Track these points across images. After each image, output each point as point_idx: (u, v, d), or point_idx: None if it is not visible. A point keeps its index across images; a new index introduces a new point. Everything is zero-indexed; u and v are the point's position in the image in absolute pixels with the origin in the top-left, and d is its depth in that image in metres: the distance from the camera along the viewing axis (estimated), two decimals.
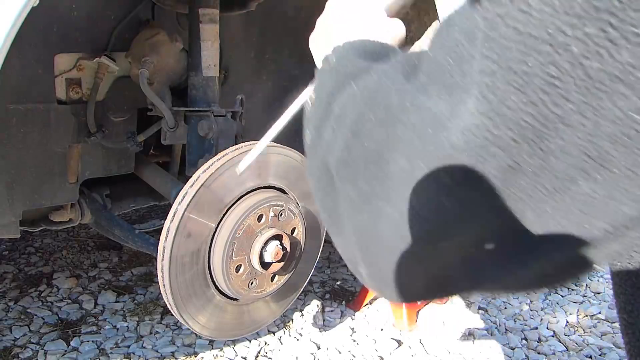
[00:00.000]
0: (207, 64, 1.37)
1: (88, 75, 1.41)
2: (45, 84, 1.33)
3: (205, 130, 1.34)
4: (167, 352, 1.80)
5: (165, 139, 1.40)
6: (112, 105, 1.49)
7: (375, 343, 1.94)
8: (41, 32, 1.27)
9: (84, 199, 1.60)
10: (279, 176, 1.24)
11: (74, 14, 1.32)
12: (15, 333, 1.86)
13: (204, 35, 1.34)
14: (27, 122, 1.32)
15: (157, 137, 1.45)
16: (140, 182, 1.70)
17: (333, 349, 1.87)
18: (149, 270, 2.40)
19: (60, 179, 1.45)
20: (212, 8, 1.34)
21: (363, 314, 2.14)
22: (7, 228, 1.39)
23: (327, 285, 2.36)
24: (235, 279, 1.14)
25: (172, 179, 1.61)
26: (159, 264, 1.07)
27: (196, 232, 1.10)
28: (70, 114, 1.40)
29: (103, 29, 1.40)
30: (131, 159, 1.63)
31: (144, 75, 1.31)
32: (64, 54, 1.35)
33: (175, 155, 1.80)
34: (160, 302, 2.10)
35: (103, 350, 1.80)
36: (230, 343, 1.86)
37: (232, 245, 1.12)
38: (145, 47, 1.38)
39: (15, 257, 2.47)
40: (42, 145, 1.37)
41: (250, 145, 1.17)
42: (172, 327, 1.95)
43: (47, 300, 2.11)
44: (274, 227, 1.18)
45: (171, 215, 1.06)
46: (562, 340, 2.04)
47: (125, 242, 1.60)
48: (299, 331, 1.98)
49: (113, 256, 2.53)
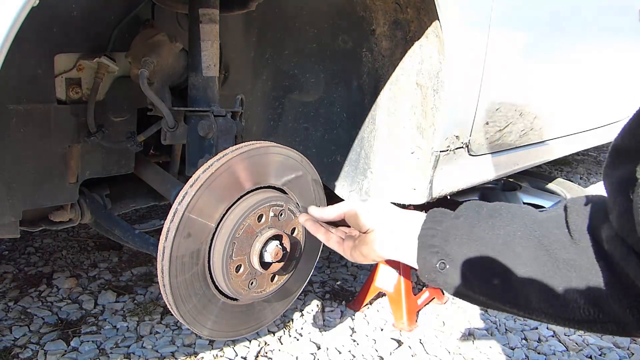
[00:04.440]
0: (207, 64, 1.37)
1: (88, 75, 1.41)
2: (45, 84, 1.33)
3: (205, 130, 1.34)
4: (167, 352, 1.80)
5: (165, 139, 1.40)
6: (112, 105, 1.49)
7: (375, 343, 1.94)
8: (41, 32, 1.27)
9: (84, 199, 1.60)
10: (279, 176, 1.24)
11: (74, 14, 1.32)
12: (15, 333, 1.86)
13: (204, 35, 1.34)
14: (27, 122, 1.32)
15: (157, 137, 1.45)
16: (140, 182, 1.70)
17: (333, 349, 1.87)
18: (149, 270, 2.40)
19: (60, 179, 1.45)
20: (212, 8, 1.34)
21: (363, 314, 2.13)
22: (7, 228, 1.39)
23: (327, 285, 2.36)
24: (235, 279, 1.14)
25: (172, 179, 1.61)
26: (159, 264, 1.07)
27: (196, 232, 1.09)
28: (70, 114, 1.40)
29: (103, 29, 1.40)
30: (131, 159, 1.63)
31: (144, 75, 1.31)
32: (64, 54, 1.35)
33: (175, 155, 1.80)
34: (160, 302, 2.10)
35: (103, 350, 1.80)
36: (230, 343, 1.86)
37: (232, 245, 1.12)
38: (145, 47, 1.38)
39: (15, 257, 2.47)
40: (42, 145, 1.37)
41: (250, 145, 1.17)
42: (172, 327, 1.95)
43: (47, 300, 2.11)
44: (274, 227, 1.18)
45: (171, 215, 1.06)
46: (562, 340, 2.04)
47: (125, 242, 1.60)
48: (299, 331, 1.98)
49: (113, 256, 2.53)
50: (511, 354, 1.94)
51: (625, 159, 0.61)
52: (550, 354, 1.95)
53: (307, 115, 1.93)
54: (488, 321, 2.13)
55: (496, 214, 0.84)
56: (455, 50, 1.51)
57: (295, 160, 1.27)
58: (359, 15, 1.64)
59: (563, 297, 0.72)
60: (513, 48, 1.86)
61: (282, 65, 1.91)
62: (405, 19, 1.57)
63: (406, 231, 0.93)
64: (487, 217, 0.84)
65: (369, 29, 1.65)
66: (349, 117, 1.83)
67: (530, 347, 1.99)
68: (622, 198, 0.60)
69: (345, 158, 1.87)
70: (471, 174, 1.87)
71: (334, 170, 1.89)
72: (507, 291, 0.79)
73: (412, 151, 1.67)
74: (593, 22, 2.33)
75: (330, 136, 1.90)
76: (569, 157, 4.60)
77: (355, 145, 1.83)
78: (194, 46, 1.37)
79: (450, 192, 1.81)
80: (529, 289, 0.75)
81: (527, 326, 2.12)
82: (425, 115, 1.62)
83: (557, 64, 2.20)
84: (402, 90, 1.66)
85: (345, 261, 2.58)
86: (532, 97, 2.08)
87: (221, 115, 1.36)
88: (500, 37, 1.70)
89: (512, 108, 1.93)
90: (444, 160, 1.68)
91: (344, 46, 1.76)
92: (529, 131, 2.13)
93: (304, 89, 1.90)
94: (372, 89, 1.73)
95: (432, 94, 1.59)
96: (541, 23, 2.00)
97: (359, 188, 1.84)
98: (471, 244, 0.83)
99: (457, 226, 0.86)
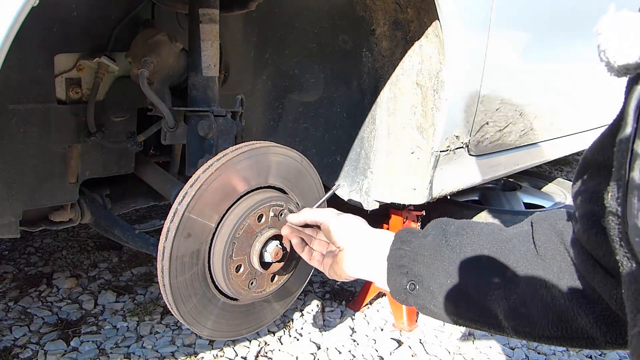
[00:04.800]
0: (207, 64, 1.37)
1: (88, 75, 1.41)
2: (45, 84, 1.33)
3: (205, 130, 1.34)
4: (167, 352, 1.80)
5: (165, 139, 1.40)
6: (112, 105, 1.49)
7: (375, 343, 1.94)
8: (41, 32, 1.27)
9: (84, 199, 1.60)
10: (279, 176, 1.24)
11: (74, 14, 1.32)
12: (15, 333, 1.86)
13: (204, 35, 1.34)
14: (27, 122, 1.32)
15: (157, 137, 1.45)
16: (140, 182, 1.70)
17: (333, 349, 1.87)
18: (149, 270, 2.40)
19: (60, 179, 1.45)
20: (212, 8, 1.34)
21: (363, 314, 2.13)
22: (7, 228, 1.39)
23: (327, 285, 2.36)
24: (235, 279, 1.14)
25: (172, 179, 1.61)
26: (159, 264, 1.07)
27: (196, 232, 1.09)
28: (70, 114, 1.40)
29: (103, 29, 1.40)
30: (131, 159, 1.63)
31: (144, 75, 1.31)
32: (64, 54, 1.35)
33: (175, 155, 1.80)
34: (160, 302, 2.10)
35: (103, 350, 1.80)
36: (230, 343, 1.86)
37: (232, 245, 1.12)
38: (145, 47, 1.38)
39: (15, 257, 2.47)
40: (42, 145, 1.37)
41: (250, 145, 1.17)
42: (172, 327, 1.95)
43: (47, 300, 2.11)
44: (274, 227, 1.18)
45: (171, 215, 1.06)
46: None
47: (125, 242, 1.60)
48: (299, 331, 1.98)
49: (113, 256, 2.53)
50: (511, 354, 1.94)
51: (595, 172, 0.61)
52: (550, 354, 1.95)
53: (307, 115, 1.93)
54: None
55: (463, 231, 0.85)
56: (455, 50, 1.51)
57: (295, 160, 1.27)
58: (359, 15, 1.64)
59: (530, 314, 0.72)
60: (513, 48, 1.86)
61: (282, 65, 1.91)
62: (405, 19, 1.57)
63: (375, 252, 0.93)
64: (454, 235, 0.85)
65: (369, 29, 1.65)
66: (349, 117, 1.83)
67: (530, 347, 1.99)
68: (589, 212, 0.61)
69: (345, 158, 1.87)
70: (471, 174, 1.87)
71: (334, 170, 1.89)
72: (475, 310, 0.79)
73: (412, 151, 1.67)
74: (594, 22, 2.33)
75: (330, 136, 1.90)
76: (569, 157, 4.60)
77: (355, 145, 1.83)
78: (194, 46, 1.37)
79: (450, 192, 1.81)
80: (496, 306, 0.76)
81: None
82: (425, 115, 1.62)
83: (557, 63, 2.20)
84: (402, 90, 1.66)
85: None
86: (532, 97, 2.08)
87: (221, 115, 1.36)
88: (501, 37, 1.70)
89: (512, 108, 1.93)
90: (444, 160, 1.68)
91: (344, 46, 1.76)
92: (529, 131, 2.13)
93: (304, 89, 1.90)
94: (372, 89, 1.73)
95: (432, 94, 1.59)
96: (541, 23, 2.00)
97: (359, 188, 1.84)
98: (438, 263, 0.83)
99: (425, 245, 0.86)
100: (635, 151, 0.45)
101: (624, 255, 0.49)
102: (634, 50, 0.43)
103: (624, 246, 0.48)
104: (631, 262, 0.48)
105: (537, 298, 0.72)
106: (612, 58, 0.45)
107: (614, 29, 0.45)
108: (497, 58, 1.71)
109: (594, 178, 0.61)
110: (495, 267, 0.77)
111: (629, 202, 0.45)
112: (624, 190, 0.46)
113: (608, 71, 0.46)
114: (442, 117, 1.59)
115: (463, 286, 0.80)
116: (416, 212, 2.03)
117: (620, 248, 0.49)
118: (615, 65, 0.45)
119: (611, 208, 0.49)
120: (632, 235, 0.46)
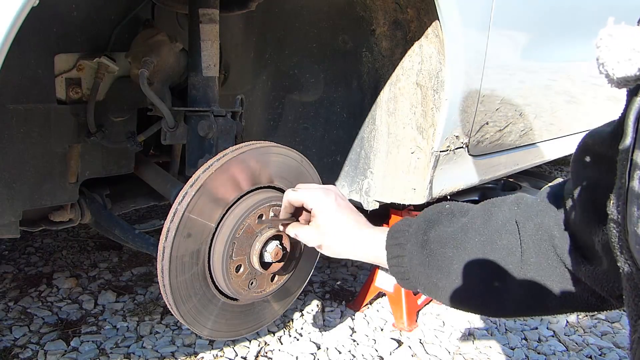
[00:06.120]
0: (207, 64, 1.37)
1: (88, 75, 1.41)
2: (45, 84, 1.33)
3: (205, 130, 1.34)
4: (167, 352, 1.80)
5: (165, 139, 1.40)
6: (112, 105, 1.49)
7: (375, 343, 1.94)
8: (41, 32, 1.27)
9: (84, 199, 1.60)
10: (279, 176, 1.24)
11: (74, 14, 1.32)
12: (15, 333, 1.86)
13: (204, 35, 1.34)
14: (27, 122, 1.32)
15: (157, 137, 1.45)
16: (140, 182, 1.70)
17: (333, 349, 1.87)
18: (149, 270, 2.40)
19: (60, 179, 1.45)
20: (212, 8, 1.34)
21: (363, 314, 2.13)
22: (7, 228, 1.39)
23: (327, 285, 2.36)
24: (235, 279, 1.14)
25: (172, 179, 1.61)
26: (159, 264, 1.07)
27: (196, 232, 1.09)
28: (70, 114, 1.40)
29: (103, 29, 1.40)
30: (131, 159, 1.63)
31: (144, 75, 1.31)
32: (64, 54, 1.35)
33: (175, 155, 1.80)
34: (160, 302, 2.10)
35: (103, 350, 1.80)
36: (230, 343, 1.86)
37: (232, 245, 1.12)
38: (145, 47, 1.38)
39: (15, 257, 2.47)
40: (42, 145, 1.37)
41: (250, 145, 1.17)
42: (172, 327, 1.95)
43: (47, 300, 2.11)
44: (273, 227, 1.17)
45: (171, 215, 1.06)
46: (562, 340, 2.04)
47: (125, 242, 1.60)
48: (299, 331, 1.98)
49: (113, 256, 2.53)
50: (511, 354, 1.94)
51: (597, 160, 0.64)
52: (550, 354, 1.95)
53: (307, 115, 1.93)
54: (488, 321, 2.13)
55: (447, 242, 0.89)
56: (455, 50, 1.51)
57: (295, 160, 1.27)
58: (359, 15, 1.64)
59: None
60: (513, 48, 1.86)
61: (282, 65, 1.91)
62: (405, 19, 1.57)
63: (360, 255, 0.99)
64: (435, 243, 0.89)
65: (369, 29, 1.65)
66: (349, 117, 1.83)
67: (530, 347, 1.99)
68: (590, 200, 0.64)
69: (345, 158, 1.87)
70: (471, 174, 1.87)
71: (334, 170, 1.89)
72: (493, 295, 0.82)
73: (412, 151, 1.67)
74: (595, 21, 2.33)
75: (330, 136, 1.89)
76: (569, 157, 4.60)
77: (355, 145, 1.83)
78: (194, 46, 1.37)
79: (450, 192, 1.81)
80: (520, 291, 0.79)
81: (527, 326, 2.12)
82: (425, 115, 1.62)
83: (557, 63, 2.20)
84: (402, 90, 1.66)
85: (345, 261, 2.58)
86: (532, 97, 2.08)
87: (221, 115, 1.36)
88: (501, 37, 1.70)
89: (512, 108, 1.93)
90: (444, 160, 1.68)
91: (344, 46, 1.76)
92: (529, 131, 2.13)
93: (304, 89, 1.90)
94: (372, 89, 1.73)
95: (432, 94, 1.59)
96: (542, 23, 2.00)
97: (359, 188, 1.84)
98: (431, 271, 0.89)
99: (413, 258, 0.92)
100: (635, 161, 0.46)
101: (624, 262, 0.50)
102: (633, 62, 0.44)
103: (624, 253, 0.49)
104: (632, 269, 0.49)
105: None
106: (612, 70, 0.45)
107: (613, 42, 0.46)
108: (497, 58, 1.71)
109: (595, 166, 0.62)
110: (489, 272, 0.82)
111: (629, 211, 0.46)
112: (624, 199, 0.47)
113: (608, 83, 0.47)
114: (442, 117, 1.59)
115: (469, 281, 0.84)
116: (416, 212, 2.03)
117: (621, 255, 0.50)
118: (615, 78, 0.46)
119: (612, 215, 0.50)
120: (632, 243, 0.46)
